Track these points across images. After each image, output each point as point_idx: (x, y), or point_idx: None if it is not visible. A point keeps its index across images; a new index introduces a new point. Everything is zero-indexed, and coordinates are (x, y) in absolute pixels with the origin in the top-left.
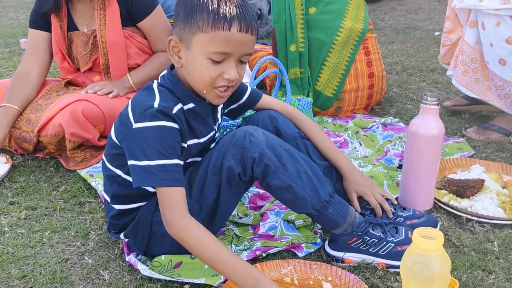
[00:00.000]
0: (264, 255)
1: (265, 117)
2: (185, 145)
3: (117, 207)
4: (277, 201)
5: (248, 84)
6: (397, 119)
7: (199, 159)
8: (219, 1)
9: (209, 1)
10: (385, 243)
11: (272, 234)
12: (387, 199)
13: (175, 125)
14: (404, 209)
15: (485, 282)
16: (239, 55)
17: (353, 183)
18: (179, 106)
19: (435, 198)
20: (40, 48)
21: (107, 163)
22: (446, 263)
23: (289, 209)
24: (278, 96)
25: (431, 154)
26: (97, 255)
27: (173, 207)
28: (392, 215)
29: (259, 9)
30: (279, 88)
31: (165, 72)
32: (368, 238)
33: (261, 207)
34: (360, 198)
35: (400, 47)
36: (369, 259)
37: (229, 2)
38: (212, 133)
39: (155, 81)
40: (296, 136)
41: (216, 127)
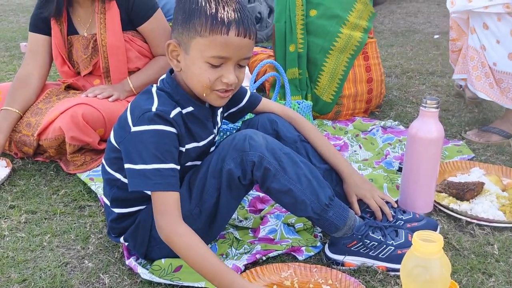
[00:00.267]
0: (264, 258)
1: (265, 121)
2: (183, 149)
3: (117, 210)
4: (277, 204)
5: (248, 87)
6: (396, 122)
7: (199, 162)
8: (217, 6)
9: (207, 6)
10: (385, 246)
11: (272, 238)
12: (387, 202)
13: (172, 130)
14: (404, 212)
15: (485, 285)
16: (237, 59)
17: (353, 186)
18: (177, 110)
19: (435, 201)
20: (40, 51)
21: (107, 167)
22: (446, 266)
23: (289, 212)
24: (278, 99)
25: (431, 157)
26: (97, 259)
27: (166, 211)
28: (392, 218)
29: (259, 13)
30: (278, 90)
31: (164, 76)
32: (368, 241)
33: (261, 210)
34: (360, 201)
35: (399, 50)
36: (369, 262)
37: (227, 7)
38: (211, 137)
39: (154, 85)
40: (296, 139)
41: (215, 130)
